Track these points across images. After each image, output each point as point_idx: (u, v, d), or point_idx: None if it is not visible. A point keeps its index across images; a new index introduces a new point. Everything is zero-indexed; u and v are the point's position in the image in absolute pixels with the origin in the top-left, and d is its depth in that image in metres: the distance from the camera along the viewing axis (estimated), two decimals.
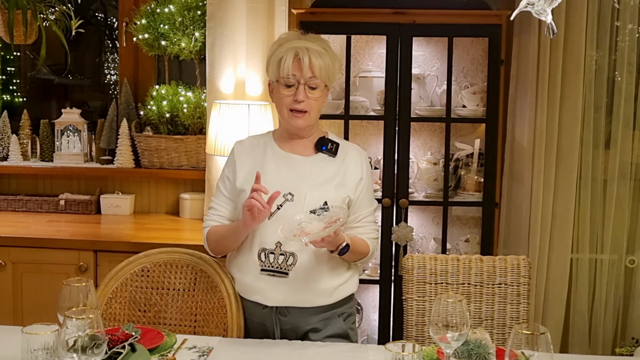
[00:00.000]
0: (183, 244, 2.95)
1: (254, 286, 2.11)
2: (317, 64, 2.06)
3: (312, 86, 2.09)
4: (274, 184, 2.06)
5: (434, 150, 3.45)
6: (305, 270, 2.06)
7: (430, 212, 3.50)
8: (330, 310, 2.14)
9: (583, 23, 3.20)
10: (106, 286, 2.21)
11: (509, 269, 2.17)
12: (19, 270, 3.03)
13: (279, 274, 2.06)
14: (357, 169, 2.17)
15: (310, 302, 2.10)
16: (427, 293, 2.17)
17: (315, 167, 2.15)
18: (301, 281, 2.07)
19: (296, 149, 2.18)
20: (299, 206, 2.06)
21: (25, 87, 4.71)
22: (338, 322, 2.16)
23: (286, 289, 2.07)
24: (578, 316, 3.39)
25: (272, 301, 2.09)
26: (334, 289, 2.13)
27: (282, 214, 2.06)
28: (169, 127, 3.55)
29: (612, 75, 3.35)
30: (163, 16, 3.47)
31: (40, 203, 3.59)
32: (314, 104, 2.10)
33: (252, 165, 2.15)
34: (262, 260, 2.07)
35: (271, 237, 2.06)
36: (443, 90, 3.25)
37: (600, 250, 3.40)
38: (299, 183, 2.10)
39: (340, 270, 2.14)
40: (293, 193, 2.08)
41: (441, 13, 3.09)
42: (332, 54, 2.13)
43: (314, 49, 2.07)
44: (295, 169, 2.14)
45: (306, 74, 2.06)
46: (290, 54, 2.06)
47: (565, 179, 3.29)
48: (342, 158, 2.17)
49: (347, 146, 2.23)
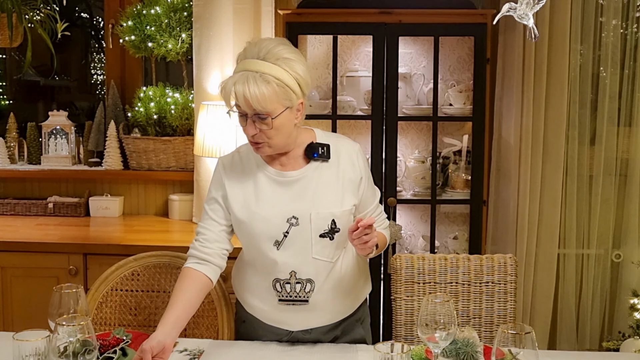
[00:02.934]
0: (173, 246, 2.96)
1: (273, 315, 2.04)
2: (254, 97, 1.81)
3: (262, 116, 1.85)
4: (274, 209, 1.95)
5: (422, 149, 3.47)
6: (324, 293, 1.99)
7: (419, 210, 3.53)
8: (350, 319, 2.11)
9: (567, 20, 3.23)
10: (96, 291, 2.21)
11: (496, 268, 2.19)
12: (8, 275, 3.03)
13: (299, 302, 1.98)
14: (354, 169, 2.02)
15: (332, 319, 2.07)
16: (416, 292, 2.19)
17: (312, 181, 1.98)
18: (322, 304, 2.00)
19: (287, 163, 2.01)
20: (306, 230, 1.94)
21: (11, 90, 4.69)
22: (358, 329, 2.14)
23: (308, 315, 2.01)
24: (565, 311, 3.43)
25: (295, 327, 2.04)
26: (352, 302, 2.10)
27: (290, 241, 1.94)
28: (157, 128, 3.55)
29: (596, 71, 3.37)
30: (149, 18, 3.47)
31: (29, 206, 3.58)
32: (270, 133, 1.88)
33: (244, 190, 1.99)
34: (278, 290, 1.98)
35: (283, 267, 1.95)
36: (430, 89, 3.27)
37: (586, 246, 3.43)
38: (300, 204, 1.95)
39: (355, 280, 2.09)
40: (297, 216, 1.94)
41: (427, 12, 3.11)
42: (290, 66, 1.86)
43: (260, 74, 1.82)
44: (292, 188, 1.98)
45: (246, 107, 1.84)
46: (231, 84, 1.84)
47: (552, 176, 3.32)
48: (337, 160, 2.00)
49: (339, 144, 2.04)
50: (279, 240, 1.94)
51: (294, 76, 1.86)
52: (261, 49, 1.87)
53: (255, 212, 1.95)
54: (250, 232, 1.97)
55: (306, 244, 1.94)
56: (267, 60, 1.84)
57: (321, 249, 1.95)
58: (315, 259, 1.95)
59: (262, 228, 1.95)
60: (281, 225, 1.94)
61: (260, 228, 1.95)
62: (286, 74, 1.85)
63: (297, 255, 1.95)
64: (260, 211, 1.95)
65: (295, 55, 1.90)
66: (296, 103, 1.90)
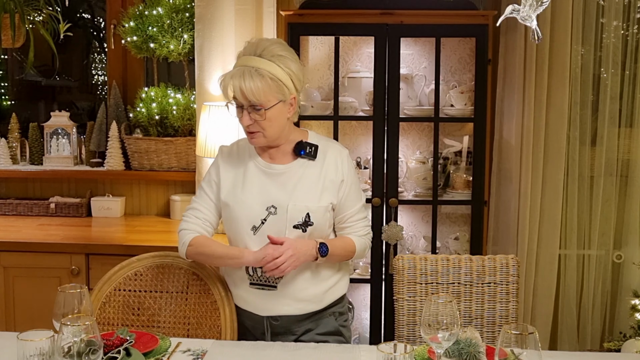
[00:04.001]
0: (174, 247, 2.96)
1: (245, 298, 2.17)
2: (249, 89, 1.99)
3: (256, 107, 2.03)
4: (257, 197, 2.12)
5: (423, 149, 3.47)
6: (292, 281, 2.12)
7: (420, 211, 3.53)
8: (321, 312, 2.19)
9: (568, 21, 3.23)
10: (99, 291, 2.22)
11: (498, 268, 2.20)
12: (11, 275, 3.04)
13: (267, 287, 2.12)
14: (337, 171, 2.15)
15: (300, 309, 2.16)
16: (418, 293, 2.19)
17: (294, 175, 2.13)
18: (290, 292, 2.12)
19: (275, 156, 2.17)
20: (281, 220, 2.09)
21: (13, 90, 4.69)
22: (330, 321, 2.20)
23: (276, 301, 2.13)
24: (567, 311, 3.44)
25: (263, 311, 2.16)
26: (323, 294, 2.18)
27: (267, 228, 2.09)
28: (159, 129, 3.56)
29: (597, 72, 3.38)
30: (151, 18, 3.48)
31: (31, 206, 3.59)
32: (264, 123, 2.05)
33: (234, 176, 2.17)
34: (250, 274, 2.12)
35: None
36: (431, 89, 3.28)
37: (587, 246, 3.43)
38: (281, 195, 2.11)
39: (328, 275, 2.18)
40: (276, 206, 2.10)
41: (428, 14, 3.12)
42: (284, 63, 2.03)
43: (255, 70, 1.99)
44: (277, 180, 2.14)
45: (241, 99, 2.02)
46: (229, 79, 2.03)
47: (553, 176, 3.33)
48: (322, 161, 2.15)
49: (327, 147, 2.18)
50: (256, 225, 2.10)
51: (287, 72, 2.04)
52: (258, 47, 2.05)
53: (239, 197, 2.13)
54: (232, 216, 2.14)
55: (280, 233, 2.08)
56: (263, 57, 2.02)
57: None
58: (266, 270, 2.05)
59: (243, 212, 2.11)
60: (260, 212, 2.10)
61: (242, 212, 2.12)
62: (280, 70, 2.03)
63: None
64: (244, 197, 2.12)
65: (289, 53, 2.08)
66: (289, 97, 2.07)
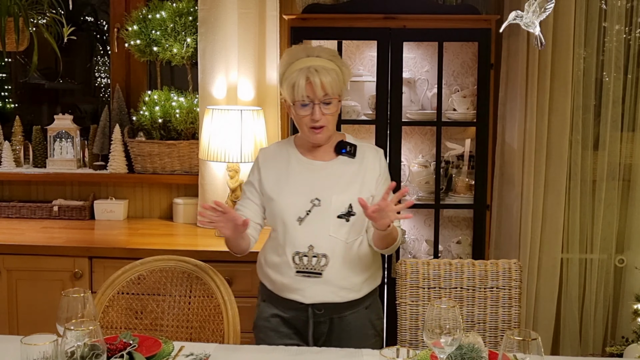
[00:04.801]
0: (177, 250, 2.99)
1: (291, 286, 2.23)
2: (328, 82, 2.17)
3: (327, 102, 2.21)
4: (301, 190, 2.24)
5: (425, 153, 3.48)
6: (336, 269, 2.21)
7: (422, 215, 3.54)
8: (358, 302, 2.27)
9: (571, 25, 3.23)
10: (103, 294, 2.22)
11: (501, 273, 2.20)
12: (14, 278, 3.04)
13: (313, 275, 2.20)
14: (375, 167, 2.30)
15: (342, 297, 2.24)
16: (421, 297, 2.20)
17: (337, 171, 2.28)
18: (333, 279, 2.21)
19: (317, 155, 2.32)
20: (326, 211, 2.21)
21: (16, 93, 4.70)
22: (364, 313, 2.30)
23: (321, 288, 2.21)
24: (569, 316, 3.43)
25: (309, 299, 2.22)
26: (362, 283, 2.28)
27: (311, 219, 2.21)
28: (162, 132, 3.57)
29: (600, 76, 3.38)
30: (155, 22, 3.49)
31: (34, 209, 3.60)
32: (330, 118, 2.24)
33: (277, 173, 2.30)
34: (297, 262, 2.21)
35: (303, 240, 2.20)
36: (434, 93, 3.28)
37: (590, 250, 3.43)
38: (324, 188, 2.24)
39: (367, 265, 2.29)
40: (319, 198, 2.22)
41: (431, 18, 3.12)
42: (340, 62, 2.25)
43: (323, 67, 2.18)
44: (319, 174, 2.28)
45: (319, 94, 2.18)
46: (302, 78, 2.16)
47: (555, 180, 3.33)
48: (361, 159, 2.30)
49: (365, 146, 2.36)
50: (301, 216, 2.21)
51: (343, 71, 2.25)
52: (312, 50, 2.25)
53: (284, 191, 2.26)
54: (277, 209, 2.25)
55: (325, 223, 2.21)
56: (322, 57, 2.22)
57: (337, 229, 2.20)
58: (332, 236, 2.20)
59: (289, 205, 2.23)
60: (305, 204, 2.22)
61: (287, 205, 2.24)
62: (338, 69, 2.23)
63: (316, 232, 2.20)
64: (289, 191, 2.25)
65: (338, 55, 2.30)
66: (343, 95, 2.30)
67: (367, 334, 2.31)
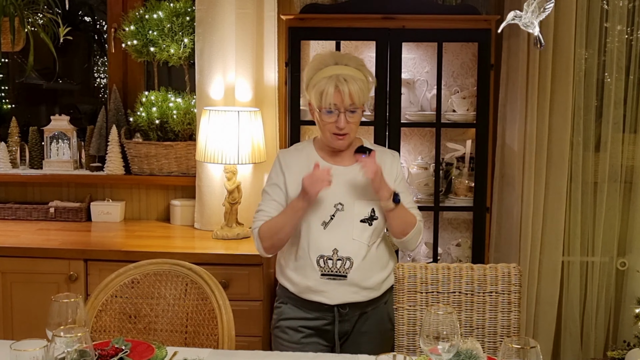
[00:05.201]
0: (174, 252, 2.97)
1: (315, 288, 2.31)
2: (356, 92, 2.23)
3: (352, 110, 2.27)
4: (325, 195, 2.29)
5: (425, 155, 3.44)
6: (360, 270, 2.29)
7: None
8: (378, 299, 2.38)
9: (572, 25, 3.21)
10: (96, 298, 2.19)
11: (500, 277, 2.16)
12: (9, 280, 3.01)
13: (339, 277, 2.28)
14: (392, 171, 2.39)
15: (365, 296, 2.33)
16: (419, 302, 2.16)
17: (358, 176, 2.33)
18: (357, 281, 2.30)
19: (338, 159, 2.39)
20: (349, 215, 2.30)
21: (14, 93, 4.68)
22: (383, 308, 2.41)
23: (346, 289, 2.30)
24: (570, 319, 3.40)
25: (334, 300, 2.31)
26: (382, 282, 2.38)
27: (336, 223, 2.29)
28: (159, 133, 3.54)
29: (601, 77, 3.36)
30: (152, 22, 3.46)
31: (30, 211, 3.57)
32: (353, 126, 2.31)
33: (300, 176, 2.29)
34: (321, 265, 2.29)
35: (327, 244, 2.28)
36: (433, 94, 3.25)
37: (591, 253, 3.41)
38: (346, 193, 2.32)
39: (386, 263, 2.39)
40: (343, 203, 2.30)
41: (430, 18, 3.09)
42: (367, 72, 2.33)
43: (352, 76, 2.24)
44: (341, 180, 2.32)
45: (346, 103, 2.24)
46: (331, 86, 2.22)
47: (556, 182, 3.30)
48: (380, 163, 2.31)
49: (382, 152, 2.45)
50: (326, 221, 2.29)
51: (369, 80, 2.32)
52: (341, 58, 2.31)
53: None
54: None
55: (348, 227, 2.29)
56: (350, 65, 2.29)
57: (360, 232, 2.29)
58: (355, 240, 2.29)
59: (314, 210, 2.29)
60: (329, 209, 2.29)
61: (312, 209, 2.29)
62: (365, 79, 2.30)
63: (340, 236, 2.28)
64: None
65: (364, 64, 2.35)
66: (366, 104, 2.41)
67: (386, 328, 2.39)
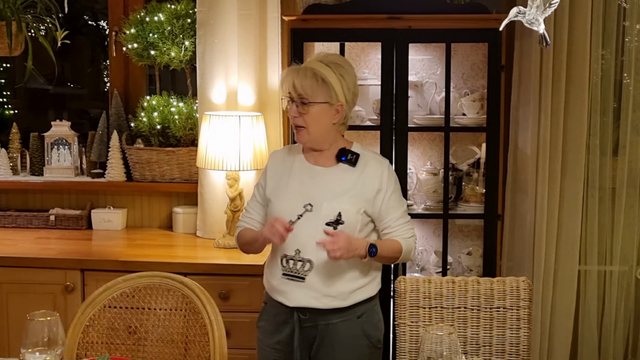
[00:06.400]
0: (174, 262, 2.88)
1: (278, 288, 2.30)
2: (300, 85, 2.21)
3: (304, 102, 2.23)
4: (297, 194, 2.28)
5: (434, 160, 3.32)
6: (320, 275, 2.23)
7: (431, 224, 3.38)
8: (347, 311, 2.27)
9: (587, 24, 3.08)
10: (83, 313, 2.10)
11: (508, 292, 2.04)
12: (5, 291, 2.94)
13: (297, 279, 2.25)
14: (375, 180, 2.29)
15: (325, 304, 2.25)
16: (421, 318, 2.05)
17: (334, 178, 2.30)
18: (317, 285, 2.24)
19: (320, 160, 2.35)
20: (316, 217, 2.24)
21: (18, 98, 4.63)
22: (357, 323, 2.28)
23: (304, 292, 2.25)
24: (587, 331, 3.27)
25: (292, 302, 2.26)
26: (349, 293, 2.26)
27: (302, 223, 2.24)
28: (161, 139, 3.45)
29: (619, 77, 3.23)
30: (152, 25, 3.38)
31: (30, 219, 3.50)
32: (308, 119, 2.24)
33: (279, 176, 2.35)
34: (284, 265, 2.27)
35: (292, 244, 2.24)
36: (442, 97, 3.13)
37: (609, 262, 3.27)
38: (318, 194, 2.27)
39: (357, 276, 2.28)
40: (312, 204, 2.25)
41: (438, 18, 2.97)
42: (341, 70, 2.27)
43: (310, 68, 2.23)
44: (316, 180, 2.31)
45: (298, 92, 2.23)
46: (288, 74, 2.27)
47: (572, 188, 3.17)
48: (362, 169, 2.30)
49: (369, 157, 2.34)
50: (292, 220, 2.23)
51: (339, 78, 2.25)
52: (325, 56, 2.32)
53: (281, 193, 2.31)
54: (273, 210, 2.32)
55: (314, 229, 2.22)
56: (323, 62, 2.28)
57: (325, 236, 2.19)
58: (319, 243, 2.18)
59: (283, 207, 2.28)
60: (298, 208, 2.25)
61: (281, 207, 2.29)
62: (333, 75, 2.24)
63: (304, 236, 2.22)
64: (286, 193, 2.29)
65: (347, 66, 2.33)
66: (336, 103, 2.25)
67: (360, 344, 2.28)
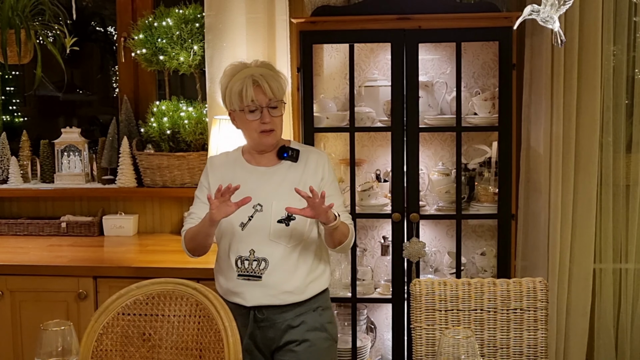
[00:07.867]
0: (186, 268, 2.87)
1: (234, 290, 2.32)
2: (275, 87, 2.28)
3: (273, 106, 2.30)
4: (244, 195, 2.23)
5: (446, 160, 3.29)
6: (276, 272, 2.28)
7: (444, 225, 3.35)
8: (303, 305, 2.33)
9: (598, 20, 3.05)
10: (96, 321, 2.09)
11: (525, 293, 2.01)
12: (17, 299, 2.95)
13: (253, 278, 2.29)
14: (318, 170, 2.37)
15: (283, 300, 2.30)
16: (437, 321, 2.02)
17: (279, 176, 2.35)
18: (273, 283, 2.28)
19: (262, 161, 2.40)
20: (267, 216, 2.29)
21: (28, 106, 4.63)
22: (313, 316, 2.34)
23: (261, 291, 2.29)
24: (603, 330, 3.23)
25: (249, 302, 2.30)
26: (305, 286, 2.33)
27: (253, 224, 2.29)
28: (171, 144, 3.45)
29: (631, 74, 3.20)
30: (160, 30, 3.37)
31: (42, 226, 3.50)
32: (277, 121, 2.34)
33: (222, 179, 2.31)
34: (239, 266, 2.30)
35: (245, 245, 2.29)
36: (453, 97, 3.10)
37: (624, 260, 3.23)
38: (265, 194, 2.31)
39: (310, 268, 2.35)
40: (262, 204, 2.30)
41: (448, 17, 2.94)
42: (277, 71, 2.38)
43: (265, 72, 2.29)
44: (262, 180, 2.35)
45: (268, 96, 2.28)
46: (249, 84, 2.26)
47: (585, 186, 3.14)
48: (304, 163, 2.37)
49: (308, 151, 2.43)
50: (244, 222, 2.30)
51: (283, 78, 2.37)
52: (251, 62, 2.36)
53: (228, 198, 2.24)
54: None
55: (266, 228, 2.28)
56: (263, 67, 2.34)
57: (278, 233, 2.28)
58: (272, 241, 2.28)
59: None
60: (247, 210, 2.27)
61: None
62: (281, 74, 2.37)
63: (257, 236, 2.29)
64: (233, 198, 2.22)
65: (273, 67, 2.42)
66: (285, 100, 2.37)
67: (319, 337, 2.33)
